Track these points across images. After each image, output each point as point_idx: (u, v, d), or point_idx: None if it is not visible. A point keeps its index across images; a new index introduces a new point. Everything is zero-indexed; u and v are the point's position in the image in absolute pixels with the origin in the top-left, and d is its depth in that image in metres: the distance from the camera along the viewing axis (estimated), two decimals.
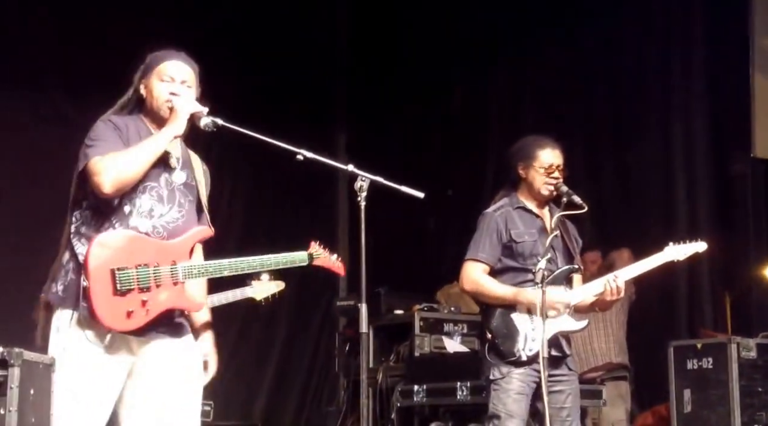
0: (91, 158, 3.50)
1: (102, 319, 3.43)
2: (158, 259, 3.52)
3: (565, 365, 4.83)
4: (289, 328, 8.79)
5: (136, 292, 3.46)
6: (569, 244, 4.91)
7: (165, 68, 3.71)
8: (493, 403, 4.74)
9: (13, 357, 3.05)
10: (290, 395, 8.81)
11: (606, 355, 6.95)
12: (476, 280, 4.86)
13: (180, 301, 3.59)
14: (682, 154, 7.20)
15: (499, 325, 4.77)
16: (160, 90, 3.67)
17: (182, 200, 3.66)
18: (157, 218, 3.57)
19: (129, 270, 3.45)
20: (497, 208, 4.95)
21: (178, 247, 3.60)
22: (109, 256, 3.44)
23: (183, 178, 3.69)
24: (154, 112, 3.69)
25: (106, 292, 3.42)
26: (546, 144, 4.95)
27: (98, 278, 3.42)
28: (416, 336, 7.18)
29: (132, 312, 3.45)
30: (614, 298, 4.78)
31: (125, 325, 3.47)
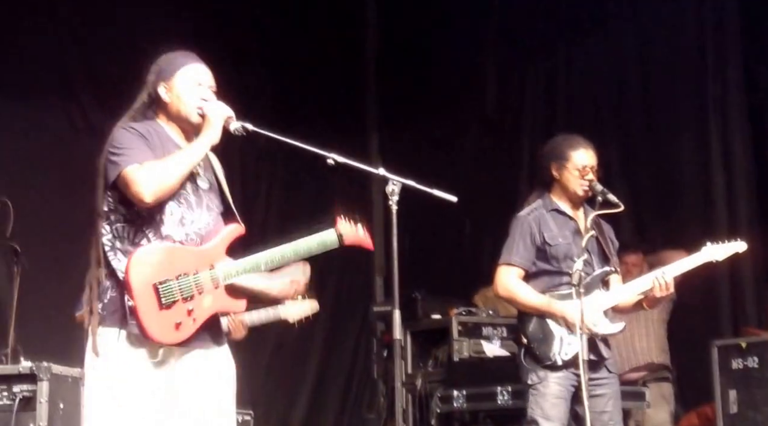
0: (124, 167, 3.43)
1: (153, 336, 3.40)
2: (197, 266, 3.48)
3: (604, 368, 4.76)
4: (327, 335, 8.74)
5: (181, 303, 3.42)
6: (605, 246, 4.84)
7: (192, 72, 3.64)
8: (531, 407, 4.70)
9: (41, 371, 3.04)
10: (330, 402, 8.76)
11: (647, 354, 6.84)
12: (510, 286, 4.81)
13: (224, 303, 3.56)
14: (719, 150, 7.07)
15: (535, 330, 4.72)
16: (191, 95, 3.61)
17: (210, 204, 3.63)
18: (188, 225, 3.53)
19: (170, 282, 3.41)
20: (530, 211, 4.89)
21: (213, 250, 3.56)
22: (149, 272, 3.40)
23: (207, 183, 3.65)
24: (182, 117, 3.62)
25: (152, 308, 3.39)
26: (579, 144, 4.87)
27: (142, 296, 3.38)
28: (454, 340, 7.10)
29: (180, 323, 3.42)
30: (664, 294, 4.70)
31: (176, 337, 3.44)
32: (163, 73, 3.65)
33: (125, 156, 3.45)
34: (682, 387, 6.92)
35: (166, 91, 3.63)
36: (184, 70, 3.64)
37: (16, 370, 4.49)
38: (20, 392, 4.19)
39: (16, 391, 4.24)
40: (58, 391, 3.35)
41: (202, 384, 3.53)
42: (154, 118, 3.66)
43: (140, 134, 3.53)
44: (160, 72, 3.65)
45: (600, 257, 4.82)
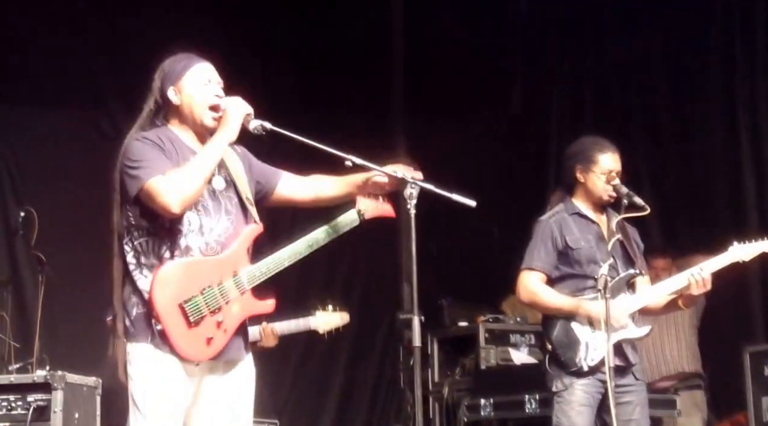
0: (145, 180, 3.37)
1: (187, 356, 3.38)
2: (220, 276, 3.44)
3: (631, 374, 4.67)
4: (353, 343, 8.67)
5: (209, 317, 3.39)
6: (629, 249, 4.75)
7: (200, 71, 3.60)
8: (557, 416, 4.63)
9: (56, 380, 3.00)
10: (357, 411, 8.70)
11: (678, 363, 6.74)
12: (533, 290, 4.74)
13: (252, 308, 3.53)
14: (749, 152, 6.95)
15: (560, 335, 4.64)
16: (203, 94, 3.55)
17: (228, 206, 3.56)
18: (208, 234, 3.48)
19: (196, 298, 3.38)
20: (552, 215, 4.82)
21: (234, 255, 3.51)
22: (173, 292, 3.37)
23: (222, 182, 3.58)
24: (194, 119, 3.56)
25: (181, 328, 3.36)
26: (608, 148, 4.78)
27: (169, 317, 3.35)
28: (482, 348, 7.05)
29: (211, 338, 3.40)
30: (702, 291, 4.59)
31: (209, 352, 3.41)
32: (170, 77, 3.59)
33: (145, 168, 3.39)
34: (714, 394, 6.80)
35: (175, 93, 3.57)
36: (192, 70, 3.59)
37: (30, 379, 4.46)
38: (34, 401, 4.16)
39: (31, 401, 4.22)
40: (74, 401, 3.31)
41: (224, 391, 3.49)
42: (165, 124, 3.60)
43: (154, 143, 3.47)
44: (167, 76, 3.60)
45: (624, 260, 4.74)
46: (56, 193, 7.11)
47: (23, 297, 6.85)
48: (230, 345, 3.46)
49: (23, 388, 4.38)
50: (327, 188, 3.79)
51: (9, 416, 4.20)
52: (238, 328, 3.48)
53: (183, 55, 3.66)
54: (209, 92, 3.56)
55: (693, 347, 6.78)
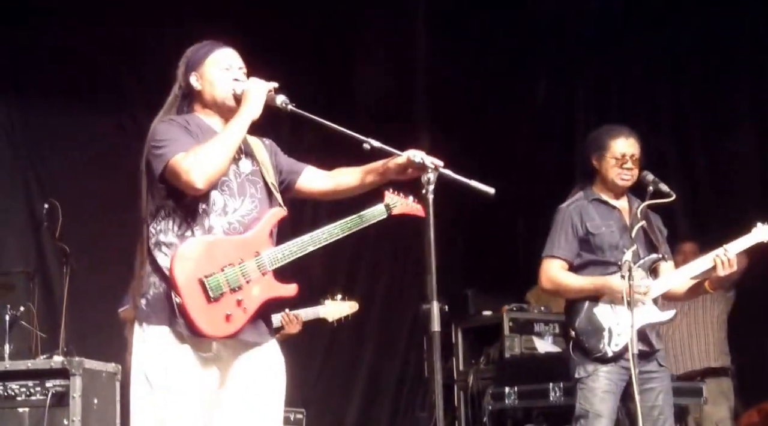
0: (170, 157, 3.37)
1: (204, 331, 3.34)
2: (242, 255, 3.42)
3: (655, 361, 4.64)
4: (379, 333, 8.69)
5: (229, 294, 3.37)
6: (652, 235, 4.73)
7: (221, 57, 3.61)
8: (580, 402, 4.60)
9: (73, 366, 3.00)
10: (383, 401, 8.70)
11: (705, 359, 6.71)
12: (555, 276, 4.74)
13: (273, 290, 3.50)
14: None
15: (583, 322, 4.62)
16: (223, 78, 3.56)
17: (253, 190, 3.55)
18: (231, 214, 3.47)
19: (216, 275, 3.36)
20: (571, 202, 4.82)
21: (257, 236, 3.49)
22: (194, 267, 3.35)
23: (249, 166, 3.58)
24: (218, 103, 3.57)
25: (200, 303, 3.33)
26: (619, 133, 4.78)
27: (189, 292, 3.33)
28: (506, 337, 7.06)
29: (230, 315, 3.37)
30: (728, 272, 4.55)
31: (227, 330, 3.38)
32: (191, 64, 3.61)
33: (169, 146, 3.39)
34: (742, 383, 6.76)
35: (197, 79, 3.59)
36: (213, 56, 3.60)
37: (48, 365, 4.51)
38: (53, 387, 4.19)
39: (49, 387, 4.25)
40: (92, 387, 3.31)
41: (252, 377, 3.47)
42: (191, 111, 3.61)
43: (179, 124, 3.49)
44: (189, 63, 3.61)
45: (647, 247, 4.71)
46: (80, 187, 7.14)
47: (50, 288, 6.87)
48: (251, 325, 3.45)
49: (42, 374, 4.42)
50: (347, 178, 3.78)
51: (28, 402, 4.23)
52: (258, 309, 3.46)
53: (206, 42, 3.67)
54: (229, 77, 3.57)
55: (721, 343, 6.74)
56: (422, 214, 3.69)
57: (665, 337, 6.64)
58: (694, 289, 4.73)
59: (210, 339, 3.38)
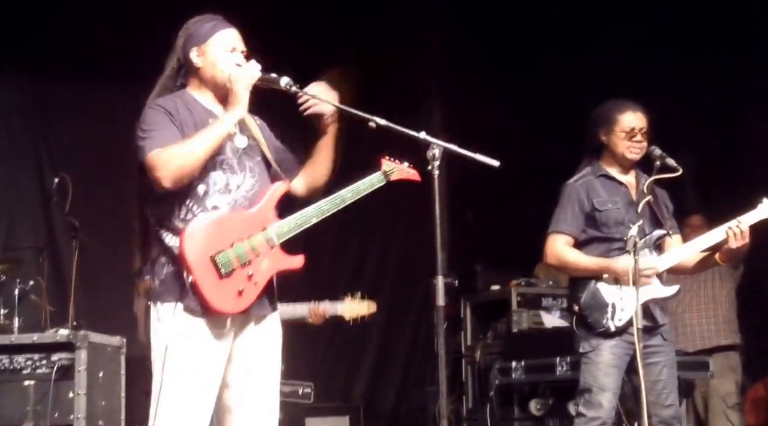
0: (149, 151, 3.38)
1: (218, 307, 3.38)
2: (249, 231, 3.47)
3: (659, 335, 4.64)
4: (389, 308, 8.68)
5: (240, 270, 3.41)
6: (657, 211, 4.73)
7: (225, 37, 3.59)
8: (584, 376, 4.62)
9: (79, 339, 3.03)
10: (392, 376, 8.74)
11: (715, 337, 6.70)
12: (560, 253, 4.74)
13: (281, 262, 3.55)
14: None
15: (587, 297, 4.63)
16: (226, 61, 3.55)
17: (251, 164, 3.58)
18: (235, 191, 3.50)
19: (226, 251, 3.39)
20: (578, 178, 4.82)
21: (262, 211, 3.53)
22: (203, 246, 3.38)
23: (245, 141, 3.60)
24: (217, 84, 3.56)
25: (212, 280, 3.37)
26: (627, 107, 4.77)
27: (201, 269, 3.37)
28: (513, 312, 7.07)
29: (242, 290, 3.42)
30: (741, 244, 4.54)
31: (240, 305, 3.43)
32: (194, 38, 3.59)
33: (150, 139, 3.41)
34: (749, 358, 6.76)
35: (198, 55, 3.57)
36: (217, 35, 3.57)
37: (54, 339, 4.56)
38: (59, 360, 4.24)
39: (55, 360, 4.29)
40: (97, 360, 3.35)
41: (254, 349, 3.53)
42: (185, 85, 3.61)
43: (166, 111, 3.47)
44: (191, 36, 3.59)
45: (652, 222, 4.70)
46: (91, 161, 7.16)
47: (59, 262, 6.91)
48: (261, 299, 3.50)
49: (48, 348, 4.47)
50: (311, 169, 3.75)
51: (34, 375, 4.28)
52: (268, 282, 3.51)
53: (210, 16, 3.65)
54: (230, 61, 3.55)
55: (731, 321, 6.74)
56: (418, 178, 3.75)
57: (675, 315, 6.65)
58: (703, 262, 4.73)
59: (223, 315, 3.42)
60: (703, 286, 6.76)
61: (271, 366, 3.58)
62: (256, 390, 3.53)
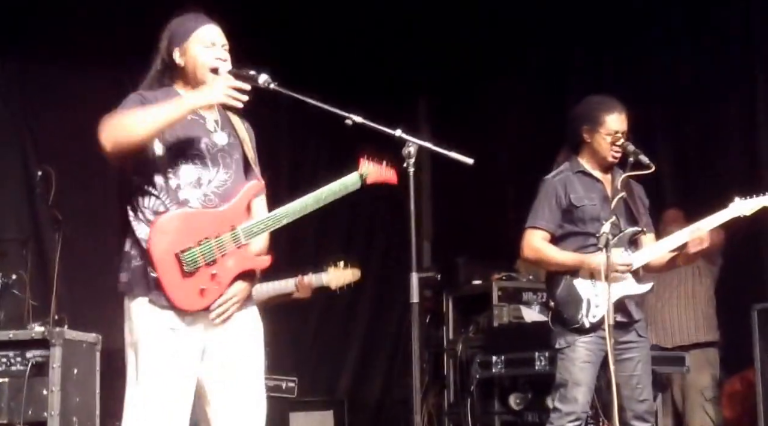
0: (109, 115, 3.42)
1: (179, 304, 3.41)
2: (218, 229, 3.48)
3: (634, 331, 4.70)
4: (373, 302, 8.75)
5: (204, 268, 3.43)
6: (633, 207, 4.77)
7: (204, 33, 3.61)
8: (560, 372, 4.68)
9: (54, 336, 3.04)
10: (376, 370, 8.78)
11: (694, 335, 6.73)
12: (537, 247, 4.79)
13: (247, 262, 3.55)
14: (765, 111, 6.90)
15: (563, 293, 4.69)
16: (205, 56, 3.57)
17: (228, 161, 3.59)
18: (206, 186, 3.52)
19: (192, 249, 3.41)
20: (556, 174, 4.86)
21: (233, 210, 3.55)
22: (170, 241, 3.40)
23: (225, 138, 3.62)
24: (198, 80, 3.58)
25: (175, 277, 3.39)
26: (614, 108, 4.79)
27: (165, 266, 3.39)
28: (495, 306, 7.11)
29: (204, 289, 3.43)
30: (700, 248, 4.60)
31: (202, 303, 3.45)
32: (175, 38, 3.62)
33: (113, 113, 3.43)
34: (726, 352, 6.80)
35: (180, 55, 3.60)
36: (197, 32, 3.60)
37: (29, 336, 4.55)
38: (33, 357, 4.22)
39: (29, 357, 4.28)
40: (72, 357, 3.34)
41: (231, 345, 3.53)
42: (171, 84, 3.64)
43: (142, 99, 3.50)
44: (172, 36, 3.62)
45: (628, 218, 4.75)
46: (77, 153, 7.13)
47: (44, 255, 6.89)
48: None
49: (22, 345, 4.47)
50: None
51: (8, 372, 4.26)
52: (232, 282, 3.51)
53: (191, 15, 3.67)
54: (212, 55, 3.58)
55: (710, 318, 6.76)
56: (395, 180, 3.74)
57: (654, 310, 6.70)
58: (670, 262, 4.79)
59: (184, 312, 3.43)
60: (682, 283, 6.81)
61: (250, 359, 3.58)
62: (238, 385, 3.53)
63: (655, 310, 6.71)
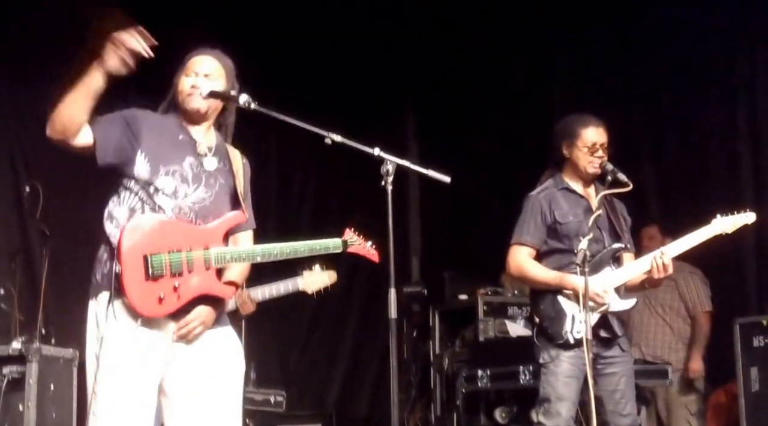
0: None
1: (133, 303, 3.42)
2: (191, 244, 3.51)
3: (617, 346, 4.74)
4: (361, 316, 8.77)
5: (168, 277, 3.45)
6: (615, 223, 4.83)
7: (191, 63, 3.75)
8: (543, 386, 4.71)
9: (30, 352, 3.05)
10: (364, 383, 8.79)
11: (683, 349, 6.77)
12: (521, 264, 4.83)
13: (212, 286, 3.57)
14: (747, 128, 7.00)
15: (547, 308, 4.73)
16: (183, 84, 3.72)
17: (212, 182, 3.66)
18: (181, 198, 3.57)
19: (161, 254, 3.44)
20: (541, 190, 4.91)
21: (211, 232, 3.59)
22: (142, 241, 3.44)
23: (215, 164, 3.70)
24: (179, 104, 3.73)
25: (138, 277, 3.41)
26: (589, 122, 4.86)
27: (131, 263, 3.41)
28: (480, 320, 7.15)
29: (163, 298, 3.44)
30: (662, 276, 4.66)
31: (156, 311, 3.46)
32: (180, 67, 3.79)
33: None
34: (710, 364, 6.85)
35: (175, 82, 3.77)
36: (188, 62, 3.76)
37: (5, 352, 4.59)
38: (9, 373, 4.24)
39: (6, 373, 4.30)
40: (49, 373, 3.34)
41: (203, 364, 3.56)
42: (175, 112, 3.78)
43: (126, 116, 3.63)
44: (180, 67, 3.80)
45: (611, 234, 4.81)
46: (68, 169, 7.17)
47: (32, 270, 6.88)
48: (183, 313, 3.52)
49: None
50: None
51: None
52: (192, 300, 3.53)
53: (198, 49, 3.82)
54: (188, 83, 3.71)
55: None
56: (376, 260, 3.89)
57: (642, 324, 6.74)
58: (640, 285, 4.81)
59: (136, 314, 3.44)
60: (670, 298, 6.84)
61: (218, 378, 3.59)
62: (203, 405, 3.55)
63: (642, 323, 6.75)
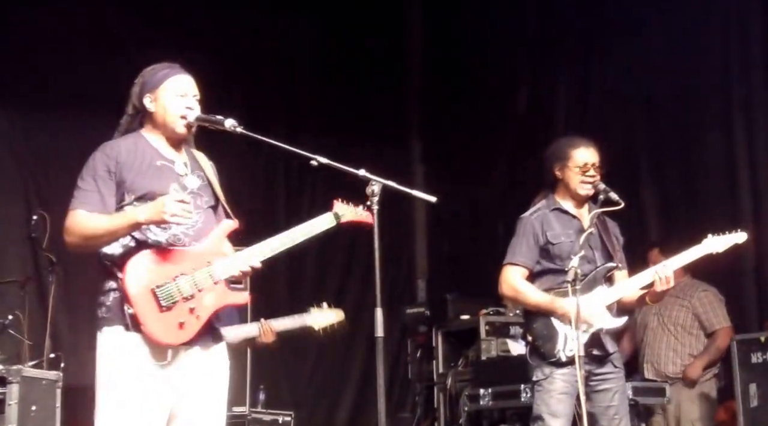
0: (71, 209, 3.60)
1: (158, 339, 3.48)
2: (194, 265, 3.57)
3: (610, 363, 4.80)
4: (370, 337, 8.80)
5: (182, 303, 3.51)
6: (607, 242, 4.87)
7: (176, 83, 3.77)
8: (537, 404, 4.77)
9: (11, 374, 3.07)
10: (372, 403, 8.81)
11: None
12: (514, 285, 4.89)
13: (226, 298, 3.64)
14: (744, 148, 7.03)
15: (540, 327, 4.78)
16: (175, 105, 3.73)
17: (198, 202, 3.70)
18: (175, 227, 3.61)
19: (168, 284, 3.51)
20: (534, 211, 4.97)
21: (209, 248, 3.65)
22: (146, 278, 3.49)
23: (196, 182, 3.75)
24: (167, 127, 3.74)
25: (152, 312, 3.47)
26: (580, 143, 4.93)
27: (141, 301, 3.47)
28: (482, 340, 7.21)
29: (183, 322, 3.51)
30: (665, 289, 4.70)
31: (181, 337, 3.53)
32: (147, 85, 3.77)
33: (80, 196, 3.61)
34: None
35: (151, 101, 3.75)
36: (169, 81, 3.76)
37: None
38: None
39: None
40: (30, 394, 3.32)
41: (200, 381, 3.63)
42: (140, 128, 3.78)
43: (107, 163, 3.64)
44: (145, 84, 3.78)
45: (603, 254, 4.86)
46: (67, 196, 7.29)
47: (43, 296, 6.98)
48: (205, 332, 3.60)
49: None
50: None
51: None
52: (212, 317, 3.60)
53: (165, 64, 3.83)
54: (182, 104, 3.74)
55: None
56: (371, 221, 3.77)
57: (654, 341, 6.76)
58: (640, 300, 4.87)
59: (164, 346, 3.52)
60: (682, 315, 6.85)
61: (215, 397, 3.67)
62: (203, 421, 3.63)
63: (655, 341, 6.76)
